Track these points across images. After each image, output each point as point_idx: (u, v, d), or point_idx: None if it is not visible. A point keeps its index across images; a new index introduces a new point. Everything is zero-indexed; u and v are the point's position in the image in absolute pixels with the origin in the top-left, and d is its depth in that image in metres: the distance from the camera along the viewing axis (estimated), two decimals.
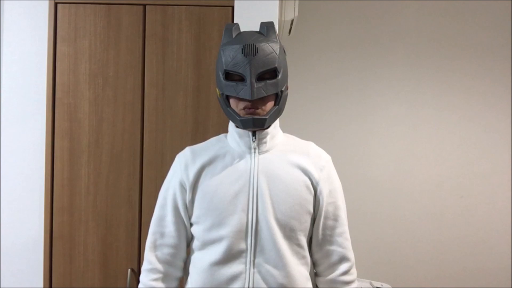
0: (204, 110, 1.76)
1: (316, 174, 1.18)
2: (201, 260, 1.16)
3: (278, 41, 1.16)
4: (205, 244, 1.16)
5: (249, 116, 1.12)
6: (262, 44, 1.11)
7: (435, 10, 2.74)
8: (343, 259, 1.21)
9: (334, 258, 1.21)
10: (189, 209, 1.20)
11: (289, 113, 1.42)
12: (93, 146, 1.75)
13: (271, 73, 1.13)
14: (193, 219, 1.19)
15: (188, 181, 1.19)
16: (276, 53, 1.12)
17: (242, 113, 1.14)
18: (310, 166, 1.19)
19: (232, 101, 1.15)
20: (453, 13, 2.73)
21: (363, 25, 2.73)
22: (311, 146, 1.26)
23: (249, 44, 1.10)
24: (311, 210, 1.18)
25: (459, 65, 2.74)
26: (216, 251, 1.13)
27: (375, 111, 2.72)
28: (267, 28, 1.16)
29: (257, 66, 1.10)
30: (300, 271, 1.16)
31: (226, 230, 1.13)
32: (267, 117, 1.13)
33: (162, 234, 1.21)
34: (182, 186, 1.20)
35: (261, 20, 1.27)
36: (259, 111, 1.13)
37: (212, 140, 1.28)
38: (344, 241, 1.21)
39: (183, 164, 1.22)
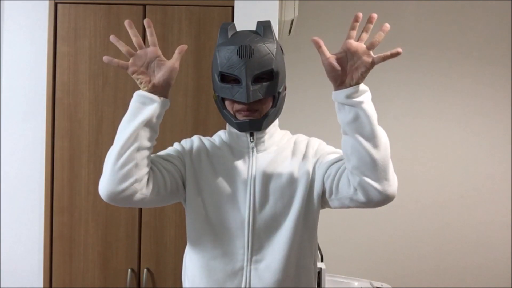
0: (204, 110, 1.76)
1: (313, 165, 1.16)
2: (198, 257, 1.16)
3: (275, 41, 1.13)
4: (203, 242, 1.15)
5: (245, 119, 1.10)
6: (258, 45, 1.08)
7: (435, 11, 2.73)
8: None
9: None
10: (180, 173, 1.18)
11: (288, 114, 1.41)
12: (93, 146, 1.75)
13: (267, 75, 1.10)
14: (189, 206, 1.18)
15: (188, 164, 1.18)
16: (272, 54, 1.10)
17: (238, 115, 1.12)
18: (309, 159, 1.17)
19: (227, 103, 1.13)
20: (453, 14, 2.73)
21: (363, 26, 2.72)
22: (300, 139, 1.23)
23: (244, 45, 1.07)
24: (316, 204, 1.15)
25: (459, 65, 2.73)
26: (214, 249, 1.13)
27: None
28: (263, 27, 1.13)
29: (252, 68, 1.07)
30: (299, 269, 1.15)
31: (224, 228, 1.13)
32: (263, 119, 1.11)
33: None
34: (183, 158, 1.19)
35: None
36: (255, 113, 1.11)
37: (216, 136, 1.27)
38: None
39: (196, 150, 1.20)
